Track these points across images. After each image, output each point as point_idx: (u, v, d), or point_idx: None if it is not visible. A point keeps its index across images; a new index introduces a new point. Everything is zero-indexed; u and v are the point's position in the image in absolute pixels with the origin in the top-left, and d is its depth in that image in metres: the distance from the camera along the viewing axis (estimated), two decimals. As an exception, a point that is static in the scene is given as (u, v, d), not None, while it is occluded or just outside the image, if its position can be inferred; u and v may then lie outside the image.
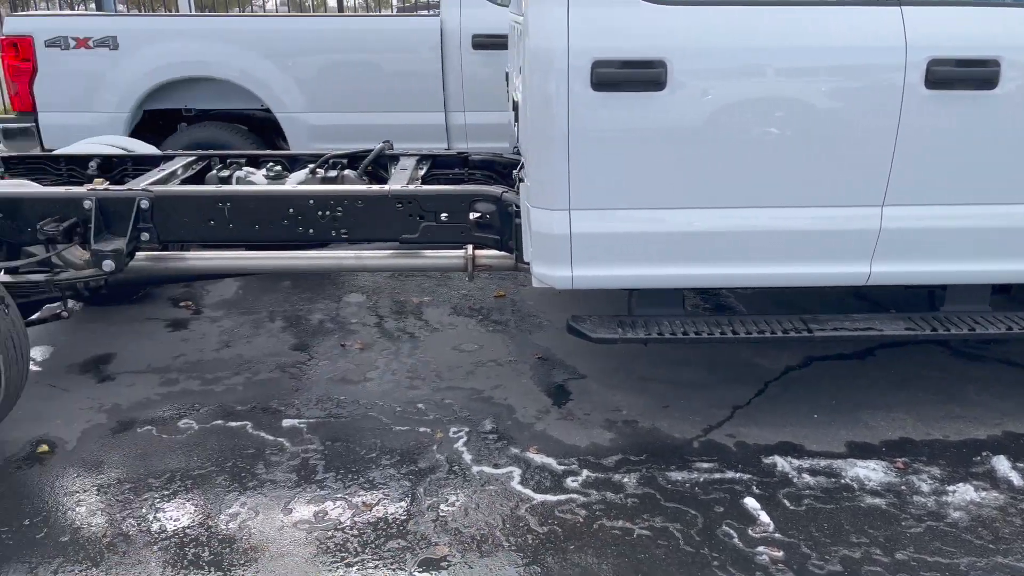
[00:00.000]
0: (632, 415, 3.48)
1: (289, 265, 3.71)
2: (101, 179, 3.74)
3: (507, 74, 4.56)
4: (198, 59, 5.66)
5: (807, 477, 2.98)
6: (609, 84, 2.73)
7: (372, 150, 4.21)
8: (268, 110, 5.80)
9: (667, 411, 3.50)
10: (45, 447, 3.29)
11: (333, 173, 4.05)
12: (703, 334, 2.99)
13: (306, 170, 4.07)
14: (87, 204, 3.37)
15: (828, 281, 2.96)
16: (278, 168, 4.06)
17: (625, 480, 2.99)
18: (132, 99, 5.63)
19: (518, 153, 4.49)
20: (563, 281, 2.98)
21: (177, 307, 4.81)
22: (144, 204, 3.40)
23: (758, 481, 2.96)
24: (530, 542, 2.66)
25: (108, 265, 3.33)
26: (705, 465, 3.07)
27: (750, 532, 2.68)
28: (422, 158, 4.30)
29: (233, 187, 3.59)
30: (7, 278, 3.43)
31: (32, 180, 4.14)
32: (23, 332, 3.17)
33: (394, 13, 5.97)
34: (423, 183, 3.83)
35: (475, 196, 3.47)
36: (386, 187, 3.51)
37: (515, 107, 3.35)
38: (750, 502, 2.82)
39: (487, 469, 3.09)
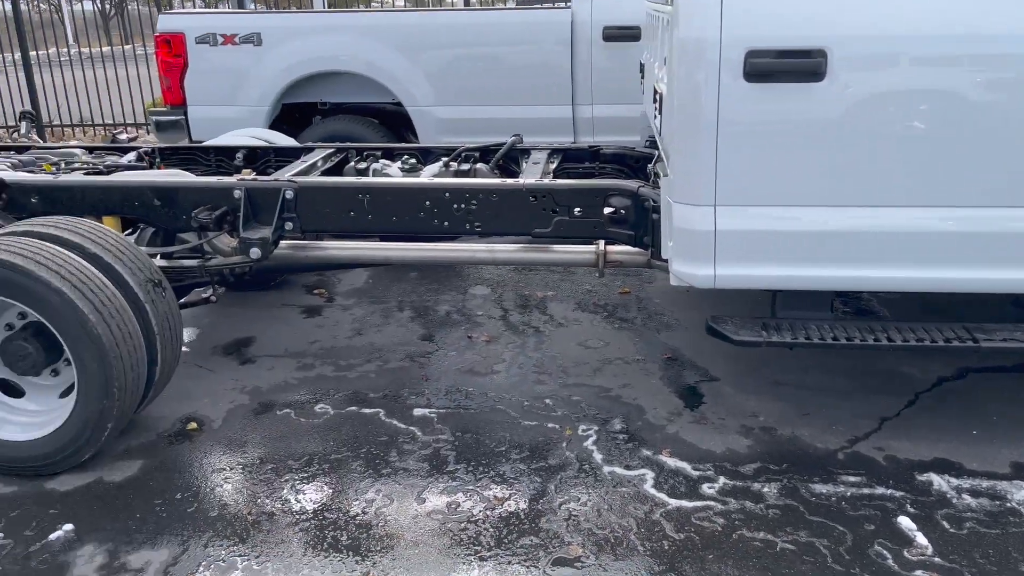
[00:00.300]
0: (769, 422, 3.33)
1: (424, 257, 3.76)
2: (248, 170, 3.90)
3: (641, 65, 4.47)
4: (334, 54, 5.83)
5: (968, 498, 2.77)
6: (763, 75, 2.60)
7: (504, 144, 4.21)
8: (398, 104, 5.92)
9: (807, 419, 3.34)
10: (194, 424, 3.46)
11: (466, 166, 4.07)
12: (855, 340, 2.83)
13: (440, 163, 4.11)
14: (237, 193, 3.51)
15: (1001, 288, 2.74)
16: (412, 161, 4.12)
17: (765, 490, 2.86)
18: (272, 93, 5.86)
19: (651, 146, 4.39)
20: (705, 280, 2.87)
21: (311, 295, 4.98)
22: (289, 194, 3.51)
23: (912, 499, 2.77)
24: (666, 548, 2.58)
25: (255, 253, 3.46)
26: (852, 479, 2.90)
27: (906, 554, 2.51)
28: (553, 151, 4.26)
29: (373, 179, 3.66)
30: (163, 263, 3.62)
31: (184, 170, 4.37)
32: (178, 315, 3.34)
33: (520, 6, 5.95)
34: (554, 177, 3.80)
35: (610, 190, 3.41)
36: (520, 181, 3.49)
37: (655, 99, 3.26)
38: (904, 522, 2.64)
39: (619, 470, 3.02)
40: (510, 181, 3.50)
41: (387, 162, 4.15)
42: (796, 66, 2.59)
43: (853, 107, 2.62)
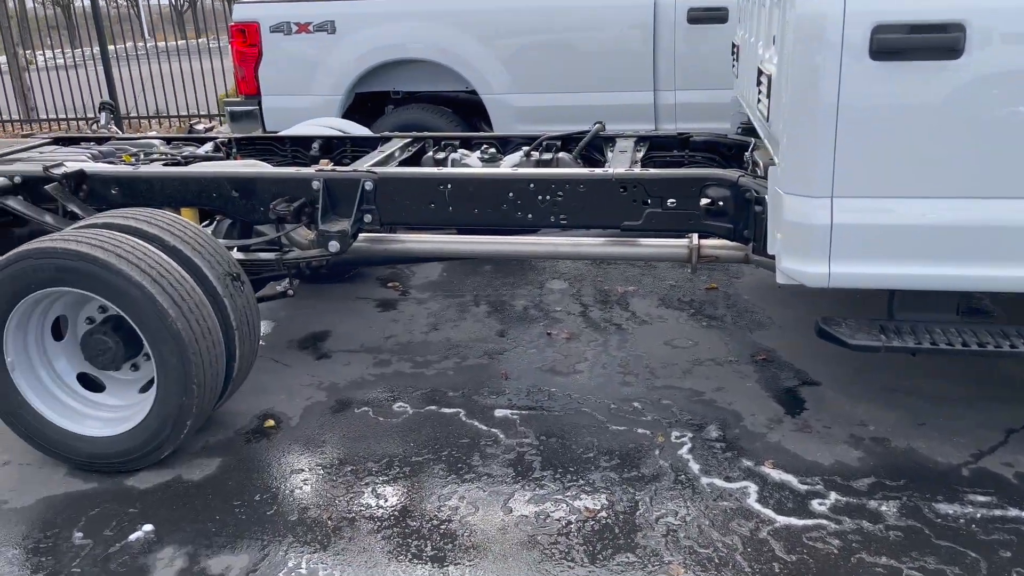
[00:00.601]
0: (881, 431, 3.07)
1: (504, 250, 3.59)
2: (326, 160, 3.79)
3: (734, 47, 4.21)
4: (408, 41, 5.70)
5: (1118, 524, 2.48)
6: (891, 52, 2.35)
7: (587, 132, 4.02)
8: (473, 92, 5.77)
9: (923, 430, 3.07)
10: (271, 422, 3.38)
11: (548, 156, 3.89)
12: (988, 346, 2.55)
13: (520, 152, 3.93)
14: (315, 185, 3.41)
15: None
16: (492, 150, 3.96)
17: (883, 508, 2.62)
18: (346, 82, 5.77)
19: (744, 133, 4.14)
20: (818, 279, 2.63)
21: (385, 288, 4.87)
22: (368, 185, 3.39)
23: (1053, 524, 2.50)
24: (777, 571, 2.37)
25: (334, 246, 3.35)
26: (980, 499, 2.64)
27: (1052, 587, 2.25)
28: (639, 139, 4.05)
29: (455, 169, 3.51)
30: (240, 255, 3.55)
31: (260, 160, 4.30)
32: (256, 309, 3.25)
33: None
34: (642, 167, 3.59)
35: (708, 180, 3.18)
36: (609, 170, 3.30)
37: (759, 81, 3.02)
38: (1046, 549, 2.38)
39: (718, 482, 2.82)
40: (598, 171, 3.30)
41: (466, 152, 3.99)
42: (930, 42, 2.33)
43: (995, 87, 2.34)
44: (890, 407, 3.23)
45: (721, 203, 3.18)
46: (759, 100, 3.02)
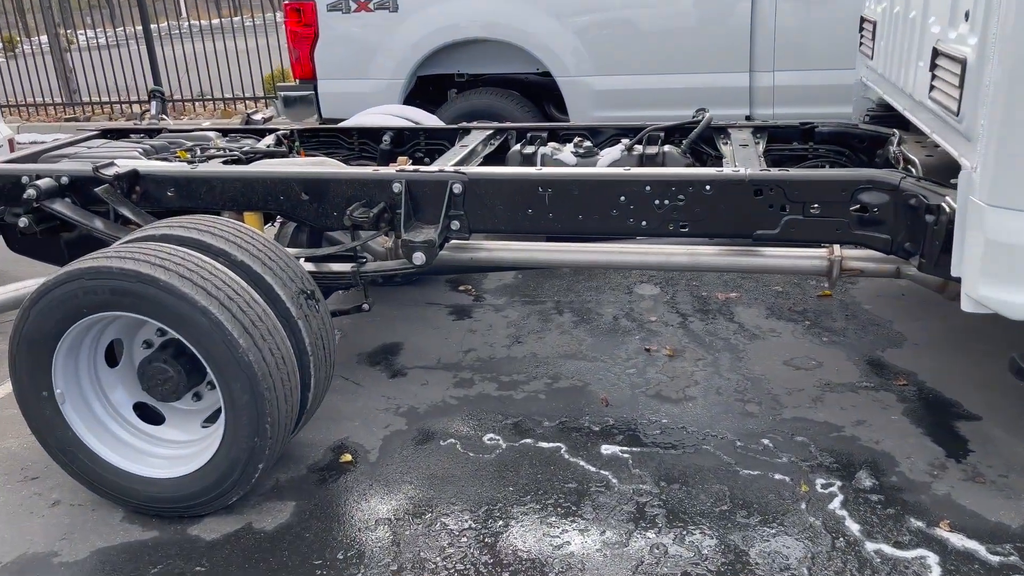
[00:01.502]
0: (1071, 483, 2.60)
1: (611, 260, 3.14)
2: (404, 158, 3.37)
3: (864, 20, 3.69)
4: (476, 19, 5.25)
5: None
6: None
7: (692, 121, 3.54)
8: (546, 73, 5.30)
9: (1123, 482, 2.58)
10: (348, 456, 2.99)
11: (653, 150, 3.42)
12: None
13: (620, 146, 3.47)
14: (396, 187, 2.98)
15: None
16: (588, 144, 3.50)
17: (1107, 593, 2.15)
18: (409, 64, 5.34)
19: (874, 121, 3.63)
20: (1026, 311, 2.15)
21: (457, 291, 4.46)
22: (457, 188, 2.96)
23: None
24: None
25: (419, 258, 2.93)
26: None
27: None
28: (756, 130, 3.56)
29: (556, 170, 3.06)
30: (311, 267, 3.15)
31: (325, 154, 3.89)
32: (331, 330, 2.86)
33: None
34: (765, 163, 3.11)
35: (862, 183, 2.70)
36: (741, 170, 2.82)
37: (937, 65, 2.52)
38: None
39: (887, 548, 2.36)
40: (728, 171, 2.83)
41: (556, 146, 3.54)
42: None
43: None
44: (1075, 451, 2.74)
45: (876, 210, 2.70)
46: (934, 88, 2.52)
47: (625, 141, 3.52)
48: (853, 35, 4.36)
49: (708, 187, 2.81)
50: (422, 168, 3.06)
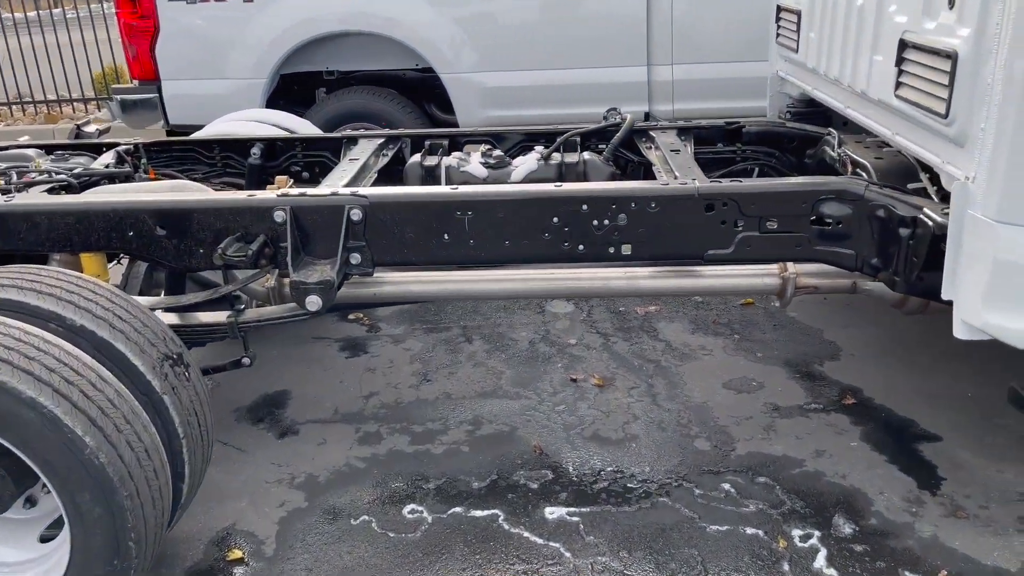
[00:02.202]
0: (1054, 510, 2.41)
1: (539, 287, 2.71)
2: (283, 177, 2.79)
3: (781, 11, 3.43)
4: (343, 10, 4.67)
5: None
6: None
7: (616, 125, 3.17)
8: (427, 69, 4.80)
9: (1104, 504, 2.42)
10: (237, 552, 2.42)
11: (573, 158, 3.02)
12: None
13: (535, 154, 3.04)
14: (279, 216, 2.42)
15: None
16: (497, 153, 3.05)
17: None
18: (270, 62, 4.70)
19: (796, 119, 3.38)
20: (1042, 340, 1.90)
21: (347, 321, 3.90)
22: (356, 215, 2.43)
23: None
24: None
25: (314, 303, 2.38)
26: None
27: None
28: (680, 131, 3.23)
29: (477, 189, 2.57)
30: (173, 318, 2.54)
31: (181, 173, 3.24)
32: (206, 399, 2.27)
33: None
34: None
35: (823, 193, 2.40)
36: (690, 183, 2.46)
37: (906, 60, 2.24)
38: None
39: (892, 614, 2.08)
40: (675, 184, 2.46)
41: (462, 156, 3.07)
42: None
43: None
44: (1046, 471, 2.58)
45: (840, 223, 2.41)
46: (903, 85, 2.24)
47: (539, 149, 3.10)
48: (758, 26, 4.14)
49: (654, 204, 2.44)
50: (311, 191, 2.51)
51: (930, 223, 2.14)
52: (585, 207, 2.44)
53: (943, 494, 2.51)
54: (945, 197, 2.13)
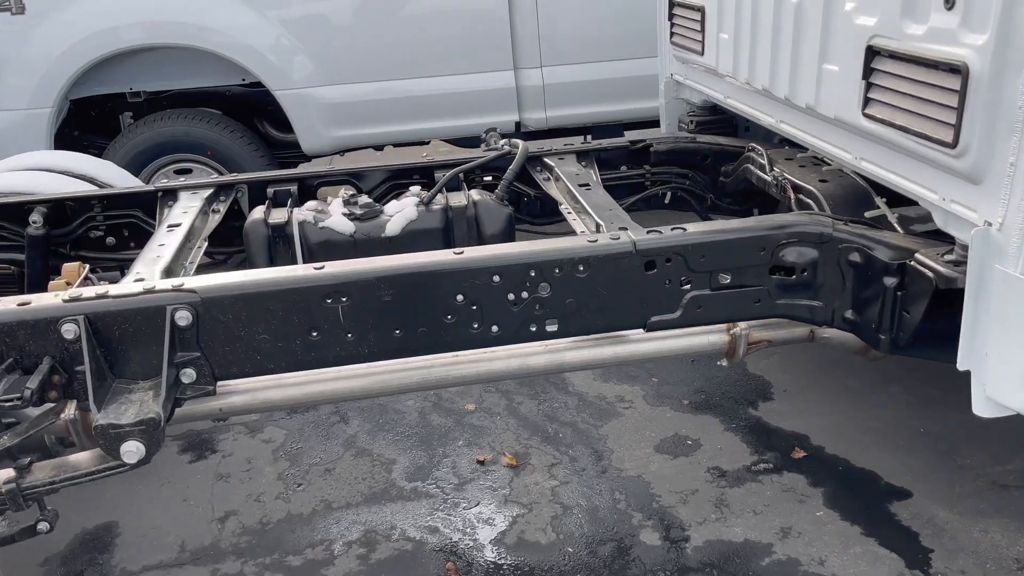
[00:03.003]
0: (1058, 577, 2.11)
1: (438, 377, 2.11)
2: (76, 265, 2.02)
3: (677, 6, 2.98)
4: (140, 19, 3.83)
5: None
6: None
7: (506, 154, 2.62)
8: (254, 84, 4.05)
9: (1105, 560, 2.15)
10: None
11: (461, 199, 2.45)
12: None
13: (412, 199, 2.45)
14: (70, 331, 1.70)
15: None
16: (365, 199, 2.42)
17: None
18: (57, 85, 3.78)
19: (699, 129, 2.96)
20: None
21: (186, 409, 3.13)
22: (183, 318, 1.74)
23: None
24: None
25: (132, 452, 1.67)
26: None
27: None
28: (580, 155, 2.72)
29: (350, 266, 1.89)
30: (-77, 490, 1.75)
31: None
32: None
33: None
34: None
35: (783, 238, 1.95)
36: (624, 236, 1.94)
37: (876, 71, 1.82)
38: None
39: None
40: (606, 240, 1.93)
41: (318, 207, 2.42)
42: None
43: None
44: (1034, 524, 2.28)
45: (805, 272, 1.98)
46: (873, 103, 1.81)
47: (415, 190, 2.50)
48: (639, 20, 3.74)
49: (582, 267, 1.91)
50: (115, 290, 1.78)
51: (929, 274, 1.73)
52: (498, 278, 1.88)
53: (936, 573, 2.15)
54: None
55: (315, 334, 1.84)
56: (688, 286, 1.96)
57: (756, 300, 2.00)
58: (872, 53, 1.81)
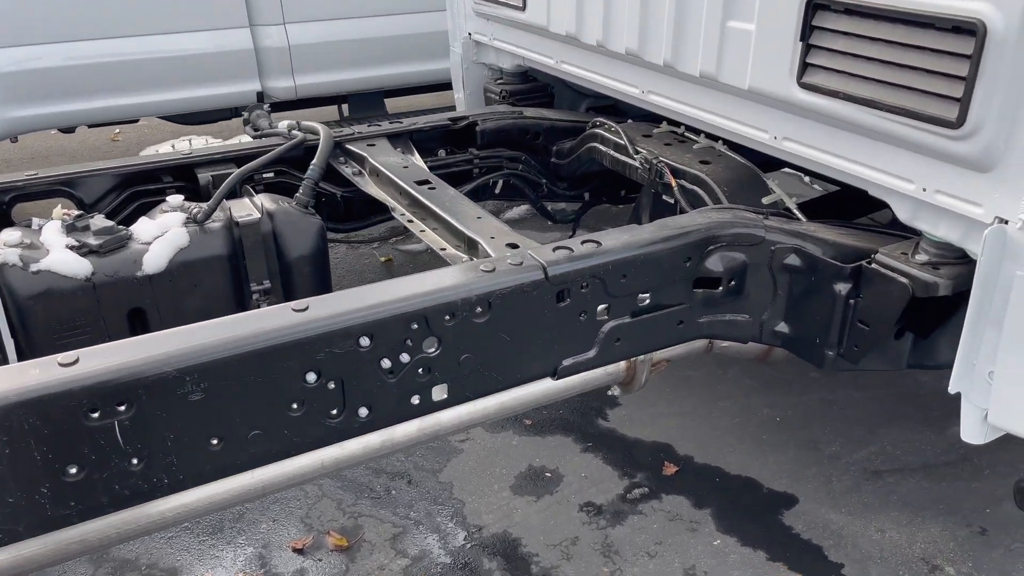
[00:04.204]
0: None
1: (278, 480, 1.44)
2: None
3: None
4: None
5: None
6: None
7: (299, 143, 1.94)
8: None
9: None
10: None
11: (247, 210, 1.73)
12: None
13: (176, 215, 1.69)
14: None
15: None
16: (101, 220, 1.62)
17: None
18: None
19: (513, 99, 2.48)
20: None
21: None
22: None
23: None
24: None
25: None
26: None
27: None
28: (393, 137, 2.11)
29: (145, 350, 1.13)
30: None
31: None
32: None
33: None
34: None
35: (713, 241, 1.56)
36: (528, 260, 1.41)
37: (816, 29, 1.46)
38: None
39: None
40: (506, 267, 1.38)
41: (25, 236, 1.57)
42: None
43: None
44: (951, 534, 2.17)
45: (733, 282, 1.60)
46: (814, 68, 1.46)
47: (177, 201, 1.73)
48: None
49: (480, 309, 1.35)
50: None
51: (902, 280, 1.44)
52: (367, 341, 1.26)
53: (859, 594, 1.96)
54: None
55: (74, 471, 1.10)
56: (603, 315, 1.50)
57: (679, 322, 1.60)
58: (815, 8, 1.45)
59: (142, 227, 1.67)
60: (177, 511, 1.34)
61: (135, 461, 1.15)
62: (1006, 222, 1.26)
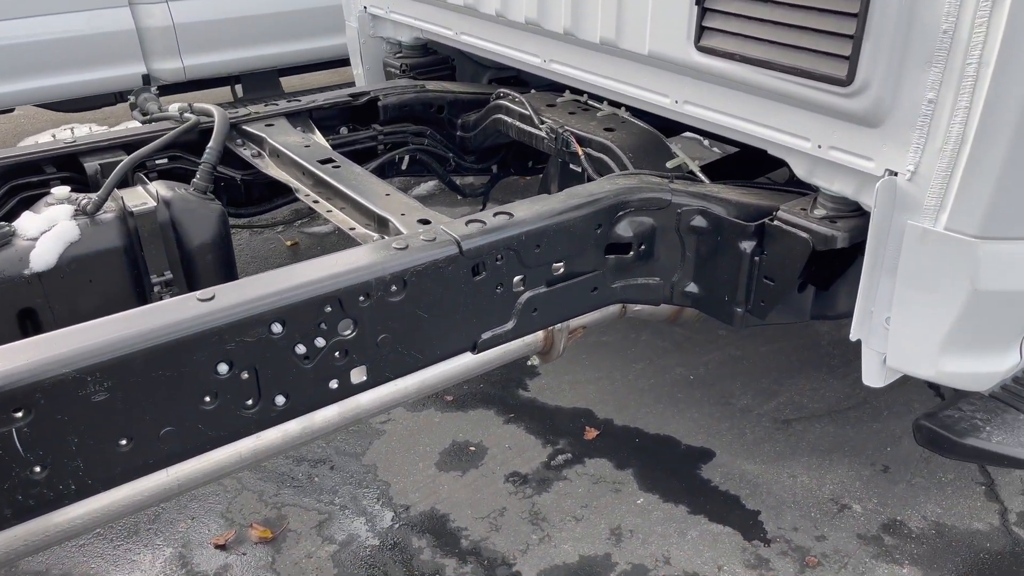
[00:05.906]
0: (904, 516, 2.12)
1: (193, 477, 1.39)
2: None
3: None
4: None
5: None
6: None
7: (194, 126, 1.86)
8: None
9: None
10: None
11: (140, 198, 1.65)
12: None
13: (60, 207, 1.59)
14: None
15: None
16: (-21, 217, 1.51)
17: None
18: None
19: (415, 72, 2.44)
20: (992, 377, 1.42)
21: None
22: None
23: None
24: None
25: None
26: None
27: None
28: (291, 116, 2.04)
29: (40, 352, 1.06)
30: None
31: None
32: None
33: None
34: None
35: (624, 206, 1.58)
36: (440, 235, 1.39)
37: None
38: None
39: None
40: (419, 243, 1.36)
41: None
42: None
43: None
44: (863, 477, 2.28)
45: (643, 246, 1.63)
46: (710, 31, 1.48)
47: (61, 192, 1.64)
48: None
49: (395, 288, 1.33)
50: None
51: (803, 235, 1.49)
52: (279, 327, 1.22)
53: (774, 539, 2.04)
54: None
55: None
56: (517, 287, 1.51)
57: (593, 288, 1.62)
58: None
59: (27, 222, 1.57)
60: (87, 518, 1.28)
61: (38, 469, 1.09)
62: (896, 174, 1.33)
